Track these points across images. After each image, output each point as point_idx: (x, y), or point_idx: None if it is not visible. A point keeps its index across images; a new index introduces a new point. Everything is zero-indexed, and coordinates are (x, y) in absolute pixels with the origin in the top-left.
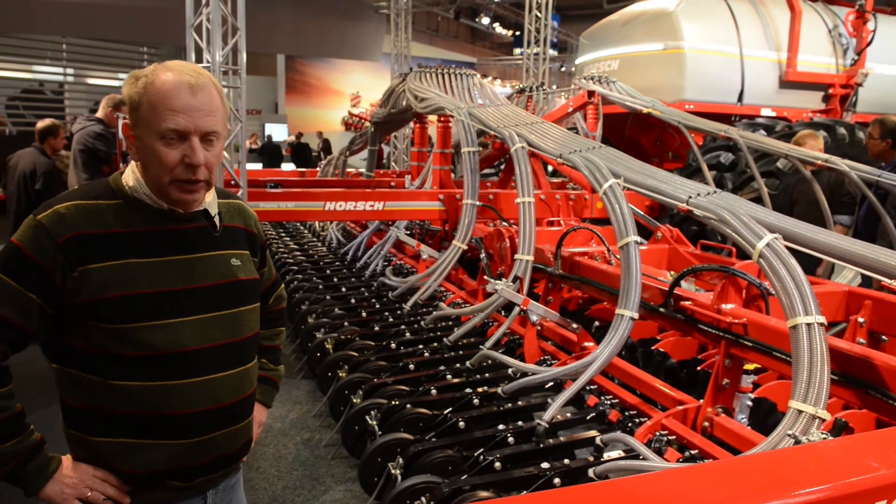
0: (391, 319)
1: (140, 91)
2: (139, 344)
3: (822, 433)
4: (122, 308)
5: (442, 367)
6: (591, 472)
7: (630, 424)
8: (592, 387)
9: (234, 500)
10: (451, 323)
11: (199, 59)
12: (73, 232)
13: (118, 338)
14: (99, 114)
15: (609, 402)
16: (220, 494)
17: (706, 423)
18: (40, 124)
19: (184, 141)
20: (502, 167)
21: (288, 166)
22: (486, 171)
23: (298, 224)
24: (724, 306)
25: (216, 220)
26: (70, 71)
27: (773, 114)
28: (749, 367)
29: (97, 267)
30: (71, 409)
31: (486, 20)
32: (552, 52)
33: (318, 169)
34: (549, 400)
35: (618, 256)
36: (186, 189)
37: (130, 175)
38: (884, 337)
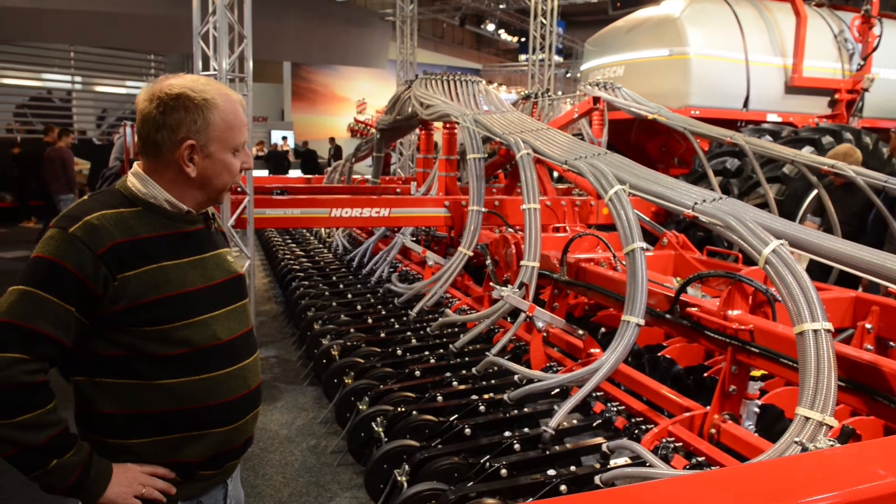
0: (397, 326)
1: (212, 111)
2: (180, 342)
3: (830, 440)
4: (162, 310)
5: (448, 374)
6: (597, 480)
7: (636, 431)
8: (598, 393)
9: (238, 488)
10: (456, 329)
11: (206, 67)
12: (111, 242)
13: (158, 339)
14: None
15: (615, 409)
16: (233, 483)
17: (713, 430)
18: None
19: (240, 150)
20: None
21: (295, 172)
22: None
23: (304, 230)
24: (730, 312)
25: (212, 221)
26: (78, 79)
27: (779, 119)
28: (756, 373)
29: (134, 273)
30: (106, 418)
31: (491, 27)
32: (557, 59)
33: (324, 175)
34: (556, 406)
35: (623, 263)
36: (229, 191)
37: (139, 182)
38: (891, 343)
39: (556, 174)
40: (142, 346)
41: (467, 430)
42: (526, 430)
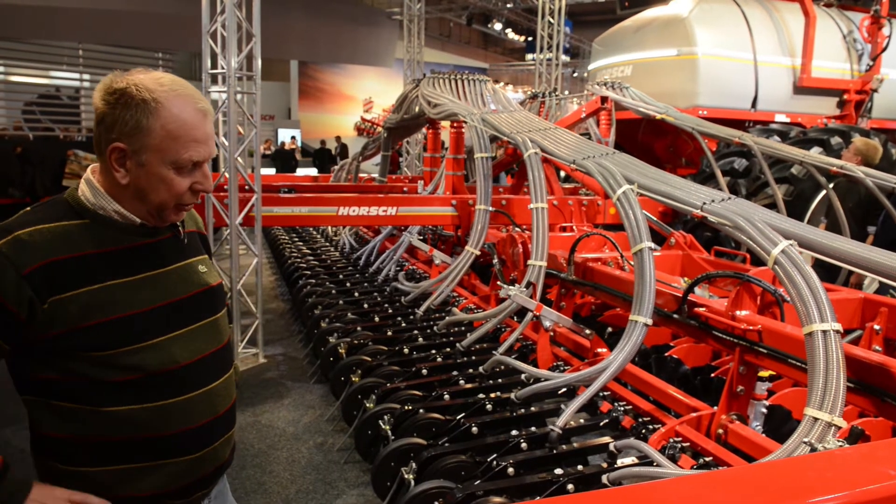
0: (404, 324)
1: (151, 116)
2: (129, 368)
3: (839, 441)
4: (108, 334)
5: (455, 373)
6: (604, 479)
7: (644, 431)
8: (606, 393)
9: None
10: (463, 328)
11: (214, 66)
12: (42, 260)
13: (105, 365)
14: None
15: (622, 409)
16: (214, 502)
17: (720, 431)
18: None
19: (195, 168)
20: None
21: (311, 171)
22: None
23: (311, 229)
24: (738, 313)
25: (180, 228)
26: (86, 76)
27: (788, 119)
28: (763, 374)
29: (73, 295)
30: (54, 441)
31: (498, 26)
32: (565, 58)
33: (331, 174)
34: (563, 406)
35: (631, 262)
36: (184, 210)
37: (88, 190)
38: None
39: (562, 174)
40: (87, 371)
41: (474, 429)
42: (533, 428)
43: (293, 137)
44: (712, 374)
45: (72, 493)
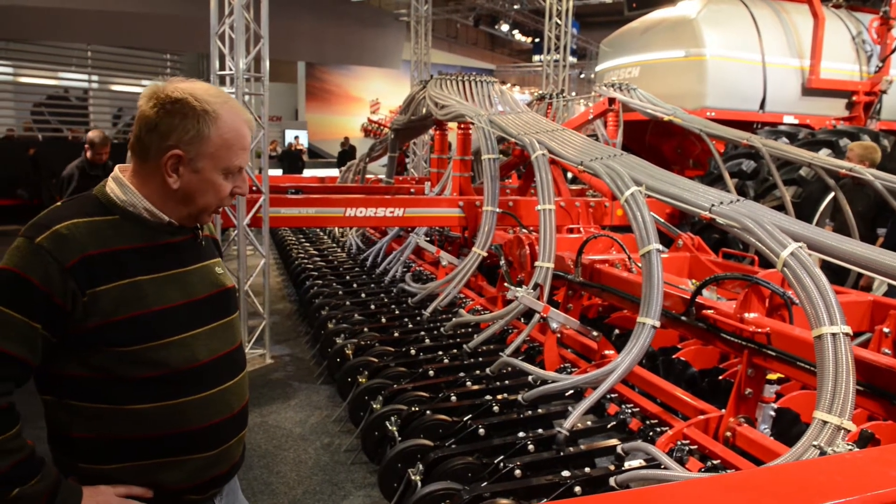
0: (411, 325)
1: (209, 125)
2: (154, 363)
3: (848, 444)
4: (137, 329)
5: (462, 374)
6: (612, 481)
7: (651, 433)
8: (613, 395)
9: (238, 502)
10: (470, 329)
11: (222, 67)
12: (81, 254)
13: (131, 360)
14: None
15: (630, 411)
16: (225, 499)
17: (728, 433)
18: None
19: (238, 173)
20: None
21: (322, 172)
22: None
23: (318, 230)
24: (747, 315)
25: (199, 231)
26: (95, 78)
27: (796, 121)
28: (772, 376)
29: (106, 289)
30: (73, 440)
31: (505, 27)
32: (572, 59)
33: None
34: (570, 408)
35: (639, 264)
36: (218, 212)
37: (118, 188)
38: None
39: (570, 175)
40: (113, 367)
41: (481, 431)
42: (540, 430)
43: (296, 137)
44: (720, 377)
45: (115, 487)
